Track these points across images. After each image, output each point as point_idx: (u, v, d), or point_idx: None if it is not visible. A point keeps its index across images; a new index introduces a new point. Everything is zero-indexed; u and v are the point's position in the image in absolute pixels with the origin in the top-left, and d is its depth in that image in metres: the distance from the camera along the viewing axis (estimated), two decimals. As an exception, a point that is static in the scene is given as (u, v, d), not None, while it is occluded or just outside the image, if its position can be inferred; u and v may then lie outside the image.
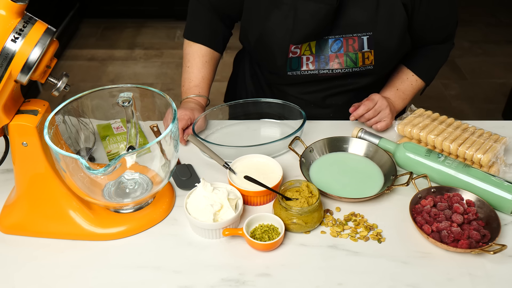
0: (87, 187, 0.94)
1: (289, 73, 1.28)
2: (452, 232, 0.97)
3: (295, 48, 1.23)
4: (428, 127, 1.21)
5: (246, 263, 0.95)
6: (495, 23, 4.10)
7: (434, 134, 1.19)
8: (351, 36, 1.22)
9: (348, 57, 1.24)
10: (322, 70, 1.27)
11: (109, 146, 1.21)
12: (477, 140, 1.16)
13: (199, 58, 1.36)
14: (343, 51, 1.24)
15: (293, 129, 1.28)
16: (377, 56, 1.24)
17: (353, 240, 0.99)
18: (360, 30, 1.21)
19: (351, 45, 1.23)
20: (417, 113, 1.27)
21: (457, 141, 1.16)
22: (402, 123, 1.23)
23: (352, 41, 1.22)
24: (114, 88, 1.01)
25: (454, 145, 1.15)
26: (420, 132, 1.20)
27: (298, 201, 1.01)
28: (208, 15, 1.34)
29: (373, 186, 1.12)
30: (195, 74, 1.35)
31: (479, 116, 2.97)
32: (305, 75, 1.28)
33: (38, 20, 0.85)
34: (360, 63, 1.25)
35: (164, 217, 1.05)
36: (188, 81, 1.36)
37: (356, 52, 1.23)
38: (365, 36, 1.21)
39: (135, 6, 3.97)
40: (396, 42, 1.23)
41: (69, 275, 0.93)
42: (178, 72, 3.36)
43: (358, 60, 1.25)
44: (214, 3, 1.32)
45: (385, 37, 1.22)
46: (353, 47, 1.23)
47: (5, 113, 0.90)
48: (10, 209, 1.02)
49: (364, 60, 1.25)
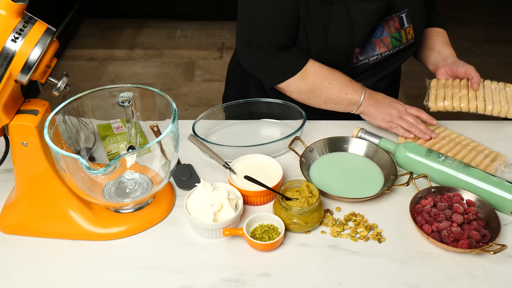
0: (87, 187, 0.94)
1: (344, 69, 1.31)
2: (452, 232, 0.97)
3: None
4: (457, 95, 1.29)
5: (246, 263, 0.95)
6: (495, 23, 4.09)
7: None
8: (391, 17, 1.27)
9: (392, 37, 1.29)
10: (371, 57, 1.31)
11: (109, 146, 1.21)
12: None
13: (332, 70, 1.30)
14: (386, 33, 1.29)
15: (293, 129, 1.28)
16: (416, 28, 1.31)
17: (353, 240, 0.99)
18: (398, 9, 1.27)
19: (393, 25, 1.28)
20: (438, 85, 1.33)
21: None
22: (432, 100, 1.29)
23: (393, 22, 1.28)
24: (114, 88, 1.01)
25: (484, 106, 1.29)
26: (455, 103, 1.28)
27: (298, 201, 1.01)
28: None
29: (373, 186, 1.12)
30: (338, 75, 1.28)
31: (479, 116, 2.96)
32: (356, 66, 1.31)
33: (38, 20, 0.85)
34: (404, 40, 1.31)
35: (164, 217, 1.05)
36: (343, 85, 1.27)
37: (399, 30, 1.29)
38: (403, 13, 1.28)
39: (135, 6, 3.97)
40: (423, 7, 1.32)
41: (69, 275, 0.93)
42: (178, 72, 3.37)
43: (402, 38, 1.31)
44: (275, 42, 1.25)
45: (417, 8, 1.30)
46: (395, 27, 1.29)
47: (5, 113, 0.90)
48: (10, 209, 1.02)
49: (407, 36, 1.31)
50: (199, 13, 3.92)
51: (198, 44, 3.67)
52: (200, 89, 3.19)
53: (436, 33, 1.45)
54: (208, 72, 3.36)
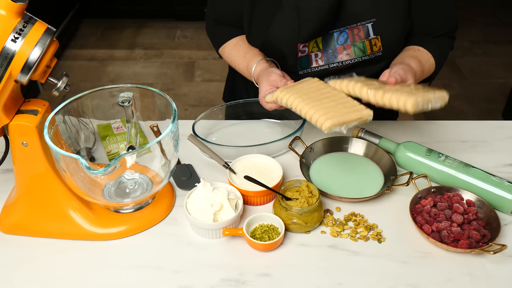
0: (87, 187, 0.94)
1: (300, 72, 1.29)
2: (452, 232, 0.97)
3: (303, 47, 1.24)
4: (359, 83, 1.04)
5: (246, 263, 0.95)
6: (495, 23, 4.09)
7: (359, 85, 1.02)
8: (356, 25, 1.23)
9: (355, 47, 1.25)
10: (332, 64, 1.27)
11: (109, 146, 1.21)
12: (409, 89, 1.00)
13: (242, 42, 1.34)
14: (350, 41, 1.25)
15: (293, 129, 1.28)
16: (384, 41, 1.24)
17: (353, 240, 0.99)
18: (364, 18, 1.22)
19: (357, 34, 1.24)
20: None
21: (385, 89, 0.99)
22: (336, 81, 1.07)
23: (357, 30, 1.23)
24: (114, 88, 1.01)
25: (375, 92, 0.98)
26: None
27: (298, 201, 1.01)
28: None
29: (373, 186, 1.12)
30: (246, 50, 1.32)
31: (479, 116, 2.97)
32: (316, 71, 1.29)
33: (38, 20, 0.85)
34: (369, 51, 1.25)
35: (164, 217, 1.05)
36: (245, 58, 1.30)
37: (363, 40, 1.24)
38: (369, 23, 1.22)
39: (135, 6, 3.97)
40: (401, 23, 1.23)
41: (69, 275, 0.93)
42: (178, 72, 3.37)
43: (366, 48, 1.25)
44: (217, 15, 1.36)
45: (389, 21, 1.22)
46: (359, 36, 1.24)
47: (5, 113, 0.90)
48: (10, 209, 1.02)
49: (372, 47, 1.25)
50: (199, 13, 3.88)
51: (198, 44, 3.67)
52: (200, 89, 3.19)
53: (415, 49, 1.29)
54: (208, 72, 3.36)
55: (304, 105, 0.99)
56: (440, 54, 1.30)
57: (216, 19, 1.38)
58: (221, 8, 1.34)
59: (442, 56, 1.32)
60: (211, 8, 1.37)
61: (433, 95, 0.99)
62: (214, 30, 1.40)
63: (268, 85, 1.14)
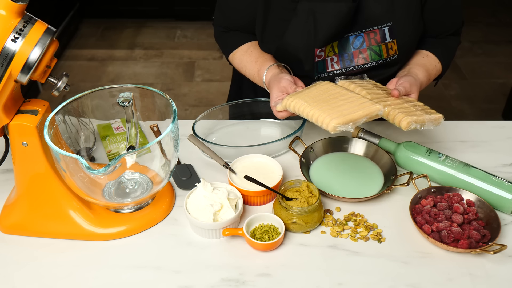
0: (87, 187, 0.94)
1: (316, 77, 1.28)
2: (452, 232, 0.97)
3: (320, 51, 1.23)
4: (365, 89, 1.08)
5: (246, 263, 0.95)
6: (495, 23, 4.09)
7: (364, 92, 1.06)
8: (372, 29, 1.23)
9: (372, 50, 1.25)
10: (348, 68, 1.27)
11: (109, 146, 1.21)
12: (408, 107, 1.04)
13: (253, 48, 1.32)
14: (366, 45, 1.25)
15: (293, 129, 1.28)
16: (400, 45, 1.24)
17: (353, 240, 0.99)
18: (380, 22, 1.22)
19: (373, 38, 1.24)
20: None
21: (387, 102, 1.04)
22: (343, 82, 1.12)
23: (374, 34, 1.23)
24: (114, 88, 1.01)
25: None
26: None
27: (298, 201, 1.01)
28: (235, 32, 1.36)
29: (373, 186, 1.12)
30: (257, 55, 1.30)
31: (479, 116, 2.97)
32: (332, 75, 1.28)
33: (38, 20, 0.85)
34: (385, 55, 1.25)
35: (164, 217, 1.05)
36: (257, 63, 1.29)
37: (379, 44, 1.24)
38: (386, 27, 1.22)
39: (135, 6, 3.97)
40: (415, 26, 1.24)
41: (69, 275, 0.93)
42: (178, 72, 3.37)
43: (382, 52, 1.25)
44: (227, 21, 1.33)
45: (405, 24, 1.23)
46: (376, 40, 1.24)
47: (5, 113, 0.90)
48: (10, 209, 1.02)
49: (388, 51, 1.25)
50: (199, 13, 3.92)
51: (198, 44, 3.67)
52: (200, 89, 3.19)
53: (423, 54, 1.32)
54: (208, 72, 3.36)
55: (310, 108, 0.99)
56: (448, 57, 1.33)
57: (225, 25, 1.35)
58: (232, 14, 1.32)
59: (450, 57, 1.35)
60: (220, 15, 1.35)
61: (428, 117, 1.03)
62: (224, 37, 1.37)
63: (279, 92, 1.12)
